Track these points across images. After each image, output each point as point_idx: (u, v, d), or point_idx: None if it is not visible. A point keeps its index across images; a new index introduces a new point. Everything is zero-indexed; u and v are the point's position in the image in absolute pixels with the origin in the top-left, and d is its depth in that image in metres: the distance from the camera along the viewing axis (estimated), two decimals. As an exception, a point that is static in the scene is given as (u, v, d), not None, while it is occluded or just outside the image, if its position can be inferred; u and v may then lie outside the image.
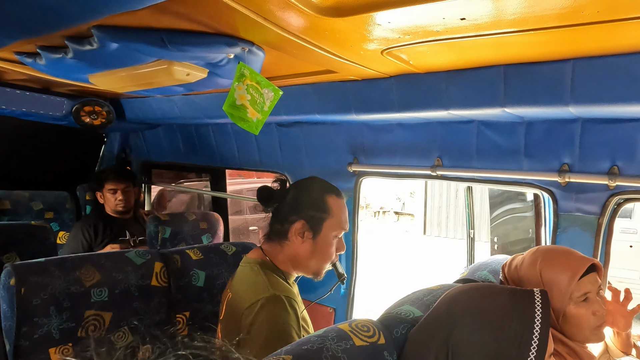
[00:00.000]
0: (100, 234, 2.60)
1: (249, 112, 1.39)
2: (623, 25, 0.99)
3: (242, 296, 1.22)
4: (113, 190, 2.67)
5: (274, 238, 1.34)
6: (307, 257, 1.31)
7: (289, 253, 1.32)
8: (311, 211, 1.30)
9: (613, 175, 1.40)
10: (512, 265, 1.23)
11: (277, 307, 1.15)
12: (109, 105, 2.69)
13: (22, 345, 1.27)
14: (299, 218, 1.30)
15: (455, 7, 0.95)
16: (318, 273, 1.35)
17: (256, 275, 1.26)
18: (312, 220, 1.30)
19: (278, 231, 1.33)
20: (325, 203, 1.32)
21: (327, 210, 1.31)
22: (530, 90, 1.35)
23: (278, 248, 1.33)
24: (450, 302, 0.93)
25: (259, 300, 1.16)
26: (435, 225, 13.75)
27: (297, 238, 1.30)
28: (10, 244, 1.85)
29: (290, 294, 1.21)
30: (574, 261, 1.14)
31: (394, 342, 0.95)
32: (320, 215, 1.31)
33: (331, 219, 1.31)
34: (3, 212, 2.73)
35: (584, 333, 1.13)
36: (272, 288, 1.19)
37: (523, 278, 1.18)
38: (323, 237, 1.31)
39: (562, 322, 1.13)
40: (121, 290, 1.46)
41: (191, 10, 1.04)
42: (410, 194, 15.55)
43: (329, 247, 1.33)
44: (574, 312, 1.12)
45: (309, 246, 1.31)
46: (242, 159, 2.69)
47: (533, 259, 1.18)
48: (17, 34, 1.22)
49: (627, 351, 1.29)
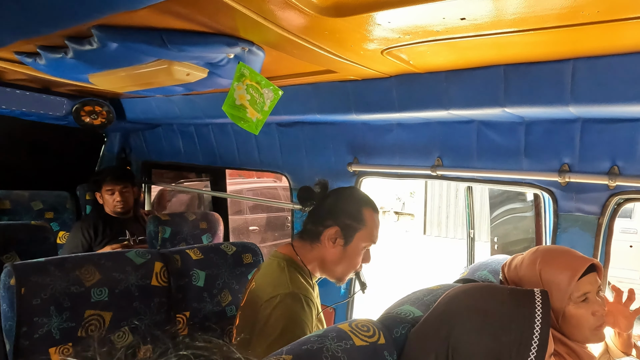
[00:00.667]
0: (100, 234, 2.60)
1: (248, 112, 1.40)
2: (623, 25, 0.99)
3: (264, 288, 1.26)
4: (111, 191, 2.67)
5: (305, 238, 1.38)
6: (334, 262, 1.36)
7: (317, 255, 1.36)
8: (347, 219, 1.35)
9: (613, 175, 1.40)
10: (512, 265, 1.24)
11: (295, 303, 1.19)
12: (109, 105, 2.69)
13: (23, 345, 1.27)
14: (334, 224, 1.34)
15: (455, 7, 0.95)
16: (341, 279, 1.39)
17: (281, 270, 1.30)
18: (346, 228, 1.34)
19: (311, 232, 1.37)
20: (361, 214, 1.36)
21: (362, 222, 1.35)
22: (531, 90, 1.35)
23: (308, 248, 1.37)
24: (450, 301, 0.93)
25: (278, 294, 1.20)
26: (435, 225, 13.75)
27: (329, 243, 1.34)
28: (10, 244, 1.85)
29: (308, 294, 1.25)
30: (573, 261, 1.13)
31: (394, 342, 0.95)
32: (355, 225, 1.35)
33: (364, 230, 1.35)
34: (3, 212, 2.72)
35: (584, 333, 1.13)
36: (293, 285, 1.23)
37: (523, 278, 1.18)
38: (353, 246, 1.35)
39: (562, 322, 1.13)
40: (121, 290, 1.46)
41: (191, 10, 1.04)
42: (410, 194, 15.55)
43: (357, 257, 1.37)
44: (574, 312, 1.11)
45: (338, 252, 1.35)
46: (242, 158, 2.69)
47: (533, 259, 1.18)
48: (17, 33, 1.22)
49: (627, 352, 1.29)
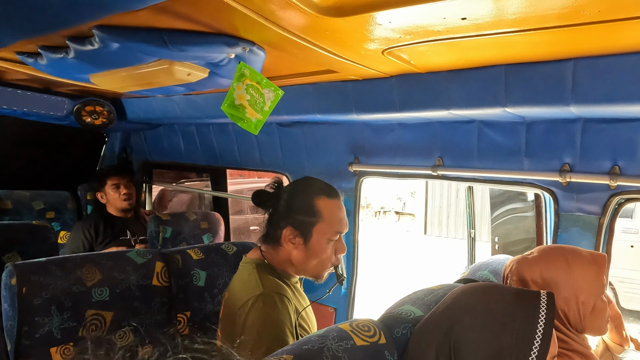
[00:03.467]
0: (101, 234, 2.60)
1: (247, 112, 1.40)
2: (624, 24, 0.99)
3: (236, 296, 1.23)
4: (116, 185, 2.68)
5: (269, 241, 1.33)
6: (302, 262, 1.29)
7: (283, 257, 1.31)
8: (299, 216, 1.27)
9: (614, 175, 1.40)
10: (524, 267, 1.20)
11: (267, 304, 1.15)
12: (110, 105, 2.69)
13: (24, 344, 1.27)
14: (287, 224, 1.27)
15: (456, 7, 0.95)
16: (318, 276, 1.33)
17: (249, 275, 1.26)
18: (301, 226, 1.27)
19: (271, 236, 1.32)
20: (313, 206, 1.27)
21: (316, 214, 1.27)
22: (531, 90, 1.35)
23: (273, 251, 1.32)
24: (454, 299, 0.93)
25: (250, 299, 1.17)
26: (436, 225, 13.75)
27: (289, 244, 1.28)
28: (12, 244, 1.85)
29: (281, 290, 1.21)
30: (594, 256, 1.17)
31: (394, 342, 0.95)
32: (309, 219, 1.27)
33: (322, 223, 1.27)
34: (4, 211, 2.73)
35: (603, 325, 1.17)
36: (263, 286, 1.20)
37: (548, 278, 1.15)
38: (315, 242, 1.27)
39: (592, 315, 1.15)
40: (122, 290, 1.46)
41: (192, 10, 1.04)
42: (411, 194, 15.55)
43: (324, 251, 1.29)
44: (601, 305, 1.15)
45: (301, 252, 1.28)
46: (242, 158, 2.69)
47: (557, 257, 1.17)
48: (19, 33, 1.22)
49: (624, 344, 1.32)
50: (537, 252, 1.22)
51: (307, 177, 1.38)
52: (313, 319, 1.38)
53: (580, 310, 1.14)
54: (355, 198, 2.12)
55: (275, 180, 1.36)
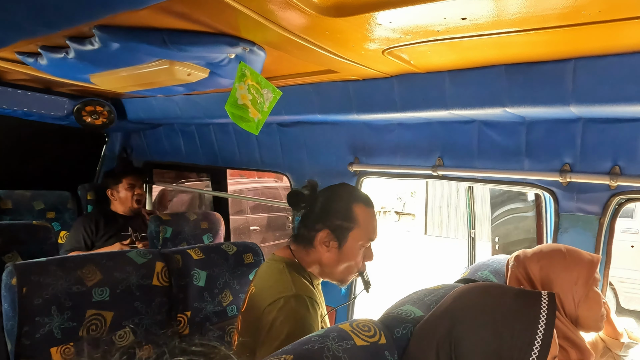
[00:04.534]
0: (101, 229, 2.61)
1: (250, 112, 1.40)
2: (624, 24, 0.99)
3: (266, 292, 1.23)
4: (131, 186, 2.71)
5: (300, 242, 1.34)
6: (332, 265, 1.31)
7: (314, 259, 1.32)
8: (337, 220, 1.29)
9: (614, 175, 1.40)
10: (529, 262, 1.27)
11: (300, 305, 1.16)
12: (110, 105, 2.69)
13: (24, 344, 1.27)
14: (324, 227, 1.29)
15: (456, 7, 0.95)
16: (343, 281, 1.35)
17: (281, 273, 1.27)
18: (337, 230, 1.29)
19: (304, 237, 1.33)
20: (352, 212, 1.30)
21: (353, 220, 1.30)
22: (532, 90, 1.35)
23: (304, 252, 1.33)
24: (455, 299, 0.93)
25: (282, 297, 1.17)
26: (436, 225, 13.75)
27: (322, 247, 1.30)
28: (12, 244, 1.85)
29: (312, 295, 1.22)
30: (592, 254, 1.24)
31: (394, 342, 0.95)
32: (346, 225, 1.30)
33: (358, 229, 1.30)
34: (5, 211, 2.73)
35: (597, 318, 1.20)
36: (296, 288, 1.20)
37: (547, 266, 1.23)
38: (349, 247, 1.30)
39: (585, 302, 1.19)
40: (122, 290, 1.46)
41: (192, 10, 1.04)
42: (412, 194, 15.56)
43: (355, 257, 1.32)
44: (594, 294, 1.19)
45: (334, 255, 1.30)
46: (243, 158, 2.69)
47: (555, 247, 1.26)
48: (19, 33, 1.22)
49: (618, 337, 1.34)
50: (539, 246, 1.31)
51: (344, 183, 1.41)
52: (329, 324, 1.39)
53: (574, 298, 1.19)
54: (356, 198, 2.12)
55: (310, 182, 1.38)
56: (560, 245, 1.27)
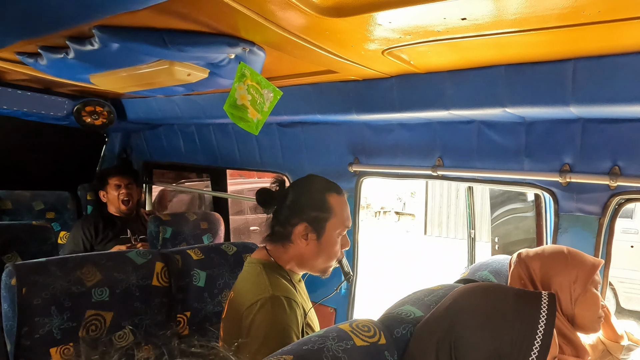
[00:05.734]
0: (100, 232, 2.61)
1: (249, 112, 1.40)
2: (624, 25, 0.99)
3: (243, 296, 1.22)
4: (117, 185, 2.69)
5: (276, 240, 1.33)
6: (312, 257, 1.31)
7: (293, 254, 1.31)
8: (313, 212, 1.29)
9: (614, 175, 1.40)
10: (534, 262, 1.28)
11: (276, 307, 1.15)
12: (110, 105, 2.69)
13: (24, 345, 1.27)
14: (300, 220, 1.28)
15: (456, 7, 0.95)
16: (324, 271, 1.35)
17: (258, 275, 1.26)
18: (314, 222, 1.29)
19: (280, 234, 1.32)
20: (326, 202, 1.30)
21: (329, 210, 1.30)
22: (531, 90, 1.35)
23: (282, 249, 1.32)
24: (454, 299, 0.93)
25: (259, 300, 1.16)
26: (436, 226, 13.74)
27: (301, 240, 1.29)
28: (12, 244, 1.85)
29: (290, 295, 1.21)
30: (594, 257, 1.27)
31: (394, 342, 0.95)
32: (323, 215, 1.29)
33: (334, 218, 1.30)
34: (4, 212, 2.73)
35: (594, 319, 1.21)
36: (272, 289, 1.19)
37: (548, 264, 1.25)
38: (327, 237, 1.30)
39: (583, 300, 1.20)
40: (122, 290, 1.46)
41: (192, 10, 1.04)
42: (411, 194, 15.56)
43: (334, 246, 1.32)
44: (592, 294, 1.20)
45: (313, 247, 1.30)
46: (243, 159, 2.69)
47: (557, 247, 1.28)
48: (19, 34, 1.22)
49: (619, 340, 1.33)
50: (542, 247, 1.33)
51: (310, 175, 1.39)
52: (315, 317, 1.38)
53: (572, 296, 1.20)
54: (355, 198, 2.12)
55: (278, 179, 1.37)
56: (564, 247, 1.28)
